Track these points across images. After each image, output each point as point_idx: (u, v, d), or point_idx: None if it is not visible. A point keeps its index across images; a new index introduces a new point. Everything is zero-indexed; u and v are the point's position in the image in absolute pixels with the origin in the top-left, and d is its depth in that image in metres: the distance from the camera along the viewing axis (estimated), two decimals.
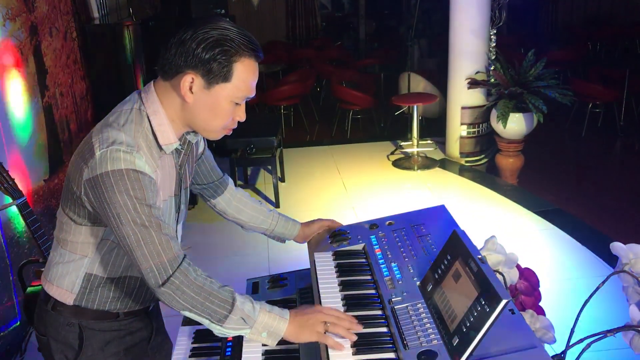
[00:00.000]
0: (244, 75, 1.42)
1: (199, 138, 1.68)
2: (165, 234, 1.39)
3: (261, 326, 1.45)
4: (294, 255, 3.98)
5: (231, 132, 1.56)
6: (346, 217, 4.70)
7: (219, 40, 1.37)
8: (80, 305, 1.57)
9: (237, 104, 1.47)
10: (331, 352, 1.43)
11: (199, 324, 1.99)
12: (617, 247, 1.75)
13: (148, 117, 1.46)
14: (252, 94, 1.48)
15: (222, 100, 1.43)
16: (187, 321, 2.03)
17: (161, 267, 1.37)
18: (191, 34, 1.37)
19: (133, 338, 1.68)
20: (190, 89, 1.41)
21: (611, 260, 3.82)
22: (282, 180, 5.56)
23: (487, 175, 5.73)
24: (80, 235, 1.52)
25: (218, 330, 1.44)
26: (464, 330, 1.33)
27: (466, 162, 5.92)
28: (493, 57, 5.69)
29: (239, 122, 1.55)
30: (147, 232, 1.37)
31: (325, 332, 1.47)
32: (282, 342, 1.71)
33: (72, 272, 1.55)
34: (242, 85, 1.43)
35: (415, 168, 5.83)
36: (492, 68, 5.60)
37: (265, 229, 2.00)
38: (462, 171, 5.77)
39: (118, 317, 1.63)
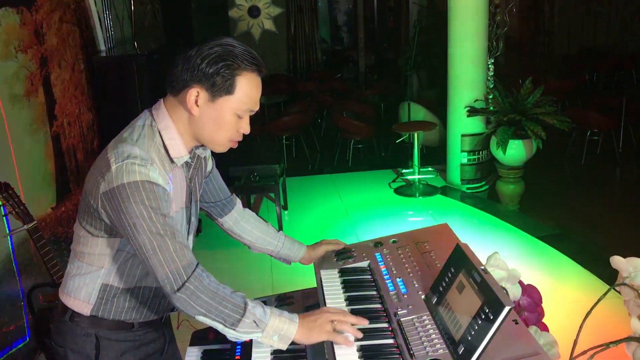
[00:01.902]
0: (247, 89, 1.50)
1: (207, 153, 1.74)
2: (180, 242, 1.46)
3: (272, 330, 1.50)
4: (298, 279, 4.00)
5: (237, 145, 1.63)
6: (349, 243, 4.73)
7: (222, 55, 1.46)
8: (97, 316, 1.62)
9: (240, 116, 1.54)
10: (338, 358, 1.46)
11: (207, 343, 2.03)
12: (616, 260, 1.79)
13: (159, 132, 1.53)
14: (256, 107, 1.56)
15: (226, 113, 1.51)
16: (195, 342, 2.05)
17: (176, 274, 1.43)
18: (196, 50, 1.46)
19: (147, 349, 1.73)
20: (196, 102, 1.48)
21: (614, 282, 3.83)
22: (285, 208, 5.61)
23: (489, 201, 5.78)
24: (97, 247, 1.57)
25: (232, 334, 1.49)
26: (469, 338, 1.37)
27: (467, 188, 5.98)
28: (492, 86, 5.79)
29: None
30: (163, 240, 1.43)
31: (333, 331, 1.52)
32: (291, 358, 1.74)
33: (89, 283, 1.61)
34: (245, 98, 1.51)
35: (417, 195, 5.88)
36: (490, 96, 5.70)
37: (272, 250, 2.05)
38: (464, 198, 5.82)
39: (133, 327, 1.67)
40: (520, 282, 2.03)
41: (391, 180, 6.29)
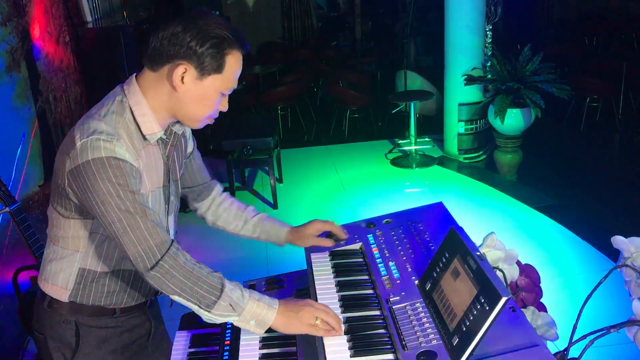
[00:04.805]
0: (234, 67, 1.47)
1: (186, 131, 1.70)
2: (151, 220, 1.41)
3: (249, 314, 1.45)
4: (294, 257, 3.96)
5: (213, 122, 1.58)
6: (344, 216, 4.67)
7: (211, 34, 1.41)
8: (76, 302, 1.58)
9: (223, 95, 1.50)
10: (329, 355, 1.40)
11: (196, 328, 1.98)
12: (618, 240, 1.72)
13: (130, 108, 1.47)
14: (236, 85, 1.52)
15: (211, 91, 1.47)
16: (184, 326, 2.01)
17: (149, 252, 1.40)
18: (183, 26, 1.40)
19: (131, 335, 1.68)
20: (182, 79, 1.43)
21: (612, 254, 3.79)
22: (280, 181, 5.53)
23: (486, 171, 5.71)
24: (70, 229, 1.53)
25: (206, 315, 1.45)
26: (464, 329, 1.30)
27: (464, 159, 5.89)
28: (489, 53, 5.66)
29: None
30: (133, 218, 1.39)
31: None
32: (279, 345, 1.69)
33: (65, 268, 1.56)
34: (231, 77, 1.47)
35: (414, 166, 5.80)
36: (488, 64, 5.57)
37: (249, 236, 1.95)
38: (461, 168, 5.74)
39: (115, 313, 1.63)
40: (518, 262, 1.96)
41: (387, 151, 6.21)
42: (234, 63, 1.46)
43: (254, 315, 1.46)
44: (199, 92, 1.45)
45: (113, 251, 1.56)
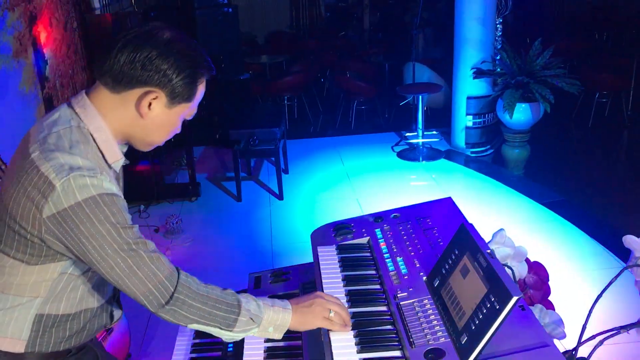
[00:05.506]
0: (200, 95, 1.39)
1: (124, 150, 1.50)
2: (154, 251, 1.31)
3: (267, 322, 1.42)
4: (299, 249, 3.95)
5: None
6: (350, 209, 4.66)
7: (188, 62, 1.31)
8: (34, 352, 1.39)
9: (184, 119, 1.42)
10: (335, 350, 1.39)
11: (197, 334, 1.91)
12: (629, 240, 1.70)
13: (91, 135, 1.32)
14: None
15: (177, 118, 1.38)
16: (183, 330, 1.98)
17: (161, 287, 1.29)
18: (159, 52, 1.28)
19: None
20: (149, 105, 1.32)
21: (619, 252, 3.76)
22: (286, 172, 5.51)
23: (493, 166, 5.67)
24: (32, 275, 1.34)
25: (227, 336, 1.39)
26: (473, 328, 1.29)
27: (472, 152, 5.86)
28: (499, 46, 5.61)
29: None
30: (137, 255, 1.27)
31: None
32: (285, 339, 1.67)
33: (17, 317, 1.36)
34: (196, 104, 1.40)
35: (420, 159, 5.77)
36: (498, 57, 5.52)
37: None
38: (468, 162, 5.70)
39: (70, 352, 1.46)
40: (527, 260, 1.94)
41: (394, 143, 6.17)
42: (202, 90, 1.38)
43: (271, 322, 1.42)
44: (165, 119, 1.35)
45: (76, 291, 1.40)
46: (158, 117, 1.34)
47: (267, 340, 1.69)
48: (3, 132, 3.14)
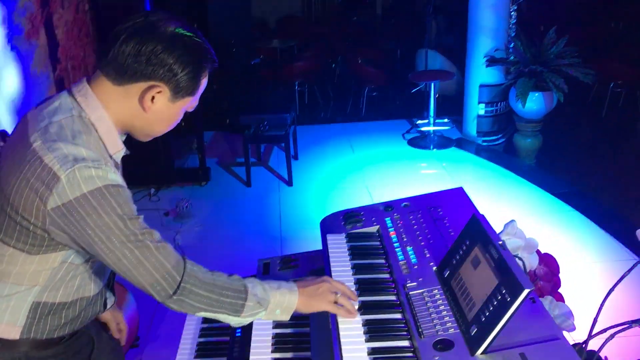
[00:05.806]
0: (202, 88, 1.38)
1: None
2: (160, 240, 1.30)
3: (274, 305, 1.42)
4: (307, 236, 3.95)
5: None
6: (359, 197, 4.65)
7: (193, 57, 1.30)
8: (29, 338, 1.39)
9: (186, 112, 1.41)
10: (343, 339, 1.39)
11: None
12: None
13: (93, 125, 1.31)
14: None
15: (179, 111, 1.37)
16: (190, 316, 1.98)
17: (168, 277, 1.29)
18: (164, 46, 1.26)
19: (81, 355, 1.53)
20: (152, 98, 1.31)
21: (631, 244, 3.73)
22: (296, 158, 5.50)
23: (505, 155, 5.63)
24: (33, 264, 1.33)
25: (235, 321, 1.40)
26: (483, 319, 1.28)
27: (483, 141, 5.81)
28: (513, 35, 5.54)
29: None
30: (144, 245, 1.27)
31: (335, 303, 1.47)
32: (292, 325, 1.68)
33: (14, 305, 1.36)
34: (198, 97, 1.39)
35: (431, 147, 5.74)
36: (511, 45, 5.46)
37: None
38: (479, 151, 5.66)
39: (63, 339, 1.46)
40: (538, 251, 1.93)
41: (405, 131, 6.14)
42: (204, 83, 1.37)
43: (278, 304, 1.42)
44: (167, 112, 1.35)
45: (74, 280, 1.40)
46: (160, 111, 1.33)
47: (276, 327, 1.69)
48: (14, 114, 3.15)
